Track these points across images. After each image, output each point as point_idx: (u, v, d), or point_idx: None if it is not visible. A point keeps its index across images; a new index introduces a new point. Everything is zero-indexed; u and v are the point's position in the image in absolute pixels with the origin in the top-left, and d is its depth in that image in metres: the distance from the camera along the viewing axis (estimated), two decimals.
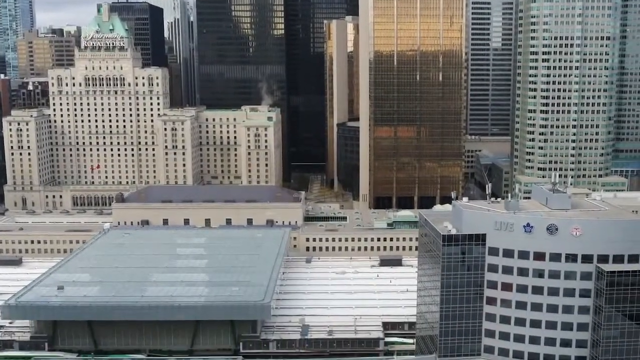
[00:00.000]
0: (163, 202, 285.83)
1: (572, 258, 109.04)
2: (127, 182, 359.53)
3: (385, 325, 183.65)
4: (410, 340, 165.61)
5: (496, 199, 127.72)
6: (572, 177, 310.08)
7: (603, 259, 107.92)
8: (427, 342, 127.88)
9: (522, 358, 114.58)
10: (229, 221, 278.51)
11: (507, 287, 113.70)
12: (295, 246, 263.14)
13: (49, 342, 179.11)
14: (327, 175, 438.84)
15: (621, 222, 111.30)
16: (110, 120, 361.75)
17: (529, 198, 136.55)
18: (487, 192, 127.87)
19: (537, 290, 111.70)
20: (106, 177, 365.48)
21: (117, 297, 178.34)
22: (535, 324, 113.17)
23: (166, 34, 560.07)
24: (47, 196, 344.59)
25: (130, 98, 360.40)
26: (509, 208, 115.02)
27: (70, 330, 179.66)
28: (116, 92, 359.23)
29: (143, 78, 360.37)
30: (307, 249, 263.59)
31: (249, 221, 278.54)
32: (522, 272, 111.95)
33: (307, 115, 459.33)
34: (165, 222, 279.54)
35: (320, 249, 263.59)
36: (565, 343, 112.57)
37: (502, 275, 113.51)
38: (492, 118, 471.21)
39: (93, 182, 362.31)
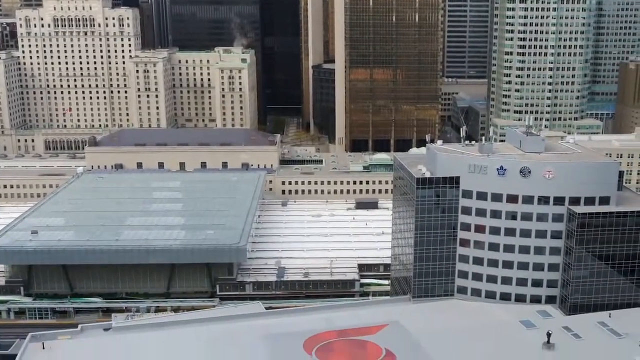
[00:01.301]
0: (137, 146, 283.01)
1: (544, 200, 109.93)
2: (100, 126, 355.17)
3: (361, 267, 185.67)
4: (385, 282, 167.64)
5: (470, 141, 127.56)
6: (547, 120, 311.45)
7: (575, 201, 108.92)
8: (401, 284, 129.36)
9: (494, 298, 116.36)
10: (203, 164, 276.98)
11: (480, 229, 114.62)
12: (270, 189, 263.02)
13: (24, 287, 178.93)
14: (303, 118, 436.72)
15: (593, 165, 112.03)
16: (80, 63, 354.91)
17: (504, 141, 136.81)
18: (461, 135, 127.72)
19: (510, 232, 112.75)
20: (78, 120, 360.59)
21: (91, 241, 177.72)
22: (508, 264, 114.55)
23: None
24: (18, 140, 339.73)
25: (100, 39, 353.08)
26: (483, 151, 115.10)
27: (45, 275, 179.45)
28: (86, 34, 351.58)
29: (113, 19, 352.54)
30: (283, 192, 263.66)
31: (224, 164, 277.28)
32: (495, 214, 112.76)
33: (282, 57, 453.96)
34: (139, 165, 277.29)
35: (296, 192, 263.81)
36: (537, 283, 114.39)
37: (475, 217, 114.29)
38: (469, 60, 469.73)
39: (65, 126, 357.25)
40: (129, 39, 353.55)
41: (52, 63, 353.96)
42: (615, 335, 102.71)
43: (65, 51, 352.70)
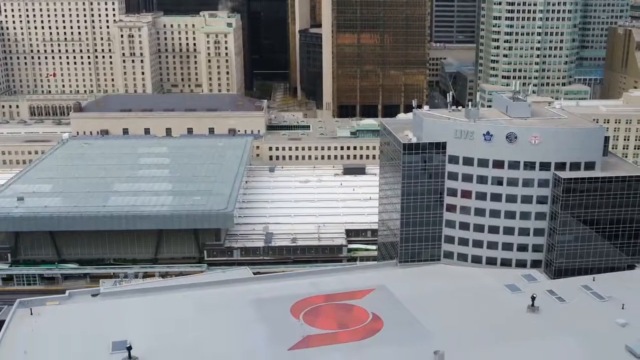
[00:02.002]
0: (122, 112, 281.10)
1: (530, 166, 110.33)
2: (85, 91, 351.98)
3: (348, 232, 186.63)
4: (373, 247, 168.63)
5: (458, 107, 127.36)
6: (535, 85, 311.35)
7: (560, 166, 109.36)
8: (388, 249, 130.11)
9: (481, 262, 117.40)
10: (190, 130, 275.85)
11: (466, 194, 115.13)
12: (258, 155, 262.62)
13: (11, 253, 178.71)
14: (290, 83, 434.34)
15: (578, 130, 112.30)
16: (64, 27, 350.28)
17: (492, 107, 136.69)
18: (448, 101, 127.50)
19: (496, 197, 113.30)
20: (63, 86, 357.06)
21: (78, 208, 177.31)
22: (494, 229, 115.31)
23: None
24: (3, 106, 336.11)
25: (84, 3, 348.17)
26: (470, 116, 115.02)
27: (32, 241, 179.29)
28: None
29: None
30: (270, 158, 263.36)
31: (211, 130, 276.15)
32: (482, 179, 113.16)
33: (269, 22, 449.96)
34: (125, 131, 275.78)
35: (284, 157, 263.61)
36: (522, 248, 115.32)
37: (461, 182, 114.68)
38: (457, 25, 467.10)
39: (50, 92, 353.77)
40: (113, 3, 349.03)
41: (36, 28, 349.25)
42: (598, 298, 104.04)
43: (49, 15, 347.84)
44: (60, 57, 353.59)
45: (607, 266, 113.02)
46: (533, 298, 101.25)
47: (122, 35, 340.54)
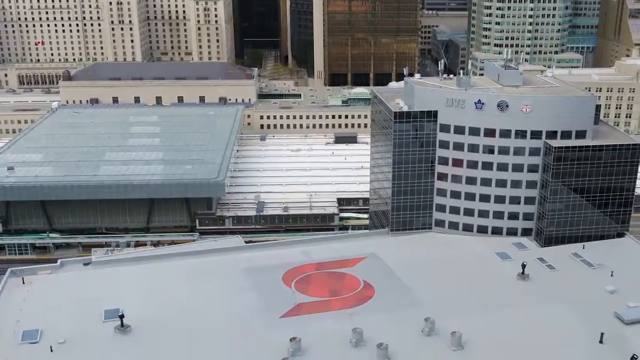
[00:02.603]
0: (112, 80, 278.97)
1: (521, 134, 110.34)
2: (74, 60, 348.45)
3: (340, 201, 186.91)
4: (364, 216, 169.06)
5: (449, 75, 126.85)
6: (528, 53, 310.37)
7: (551, 134, 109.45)
8: (380, 217, 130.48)
9: (471, 231, 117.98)
10: (180, 99, 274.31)
11: (457, 163, 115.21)
12: (249, 124, 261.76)
13: (2, 223, 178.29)
14: (281, 51, 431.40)
15: (569, 99, 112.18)
16: None
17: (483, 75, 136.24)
18: (439, 69, 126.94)
19: (487, 165, 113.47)
20: (52, 54, 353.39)
21: (69, 177, 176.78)
22: (485, 198, 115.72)
23: None
24: None
25: None
26: (461, 85, 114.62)
27: (23, 211, 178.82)
28: None
29: None
30: (262, 126, 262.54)
31: (201, 99, 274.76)
32: (473, 148, 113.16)
33: None
34: (115, 100, 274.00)
35: (275, 126, 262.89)
36: (513, 216, 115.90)
37: (453, 151, 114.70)
38: None
39: (38, 60, 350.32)
40: None
41: None
42: (588, 266, 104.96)
43: None
44: (48, 25, 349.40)
45: (597, 234, 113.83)
46: (523, 266, 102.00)
47: (110, 2, 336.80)
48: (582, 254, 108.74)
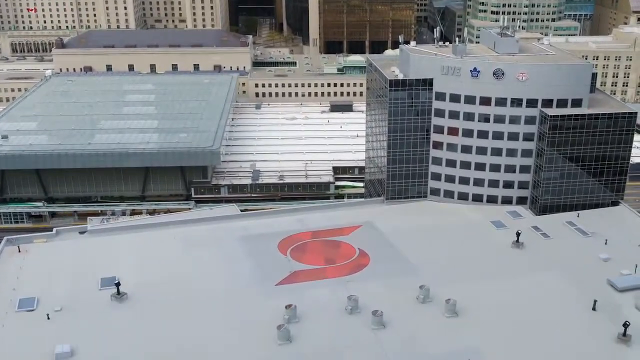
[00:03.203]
0: (105, 48, 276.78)
1: (517, 102, 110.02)
2: (67, 27, 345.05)
3: (336, 169, 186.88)
4: (360, 184, 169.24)
5: (445, 43, 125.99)
6: (525, 21, 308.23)
7: (547, 103, 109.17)
8: (375, 186, 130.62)
9: (467, 199, 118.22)
10: (174, 67, 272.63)
11: (453, 131, 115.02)
12: (244, 92, 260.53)
13: None
14: (275, 18, 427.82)
15: (566, 67, 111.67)
16: None
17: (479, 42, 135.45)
18: (435, 37, 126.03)
19: (483, 134, 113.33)
20: (45, 21, 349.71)
21: (64, 145, 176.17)
22: (480, 167, 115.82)
23: None
24: None
25: None
26: (457, 52, 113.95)
27: (18, 179, 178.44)
28: None
29: None
30: (257, 94, 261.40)
31: (196, 67, 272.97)
32: (468, 116, 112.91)
33: None
34: (109, 68, 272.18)
35: (270, 94, 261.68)
36: (508, 185, 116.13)
37: (448, 120, 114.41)
38: None
39: (31, 27, 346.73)
40: None
41: None
42: (582, 234, 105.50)
43: None
44: None
45: (592, 203, 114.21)
46: (518, 234, 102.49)
47: None
48: (576, 222, 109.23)
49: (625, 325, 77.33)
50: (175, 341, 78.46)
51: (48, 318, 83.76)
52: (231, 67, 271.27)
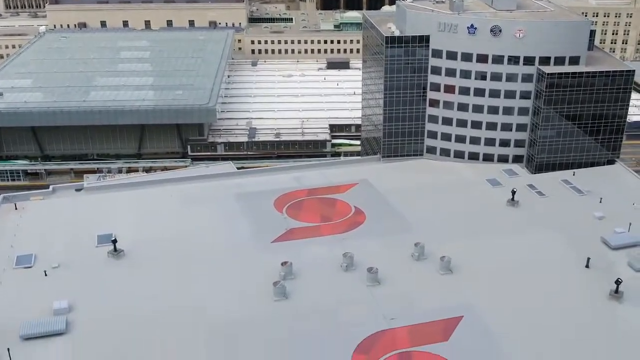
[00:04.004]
0: (99, 3, 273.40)
1: (514, 60, 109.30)
2: None
3: (332, 127, 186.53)
4: (356, 142, 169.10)
5: None
6: None
7: (544, 61, 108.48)
8: (371, 144, 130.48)
9: (463, 157, 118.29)
10: (169, 23, 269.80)
11: (449, 89, 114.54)
12: (240, 49, 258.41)
13: None
14: None
15: (563, 24, 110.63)
16: None
17: None
18: None
19: (479, 92, 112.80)
20: None
21: (58, 103, 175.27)
22: (476, 125, 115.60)
23: None
24: None
25: None
26: (454, 9, 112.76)
27: (14, 137, 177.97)
28: None
29: None
30: (252, 51, 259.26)
31: (191, 23, 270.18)
32: (465, 74, 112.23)
33: None
34: (103, 24, 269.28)
35: (266, 51, 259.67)
36: (504, 143, 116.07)
37: (445, 77, 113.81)
38: None
39: None
40: None
41: None
42: (577, 192, 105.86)
43: None
44: None
45: (588, 161, 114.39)
46: (513, 192, 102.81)
47: None
48: (572, 180, 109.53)
49: (618, 282, 78.12)
50: (172, 297, 79.15)
51: (45, 275, 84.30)
52: (227, 23, 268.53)
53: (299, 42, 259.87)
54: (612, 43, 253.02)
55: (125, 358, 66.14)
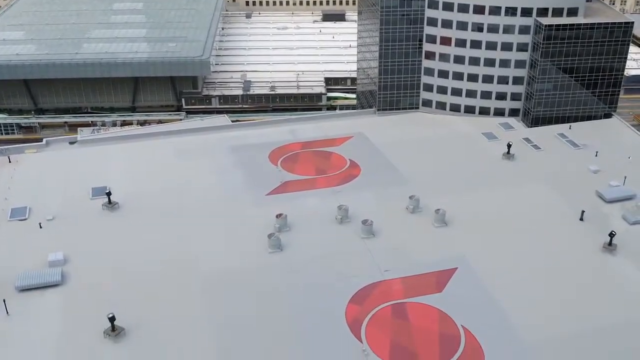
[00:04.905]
0: None
1: (511, 11, 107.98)
2: None
3: (328, 80, 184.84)
4: (352, 96, 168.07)
5: None
6: None
7: (542, 12, 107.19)
8: (367, 97, 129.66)
9: (459, 111, 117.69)
10: None
11: (446, 41, 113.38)
12: (234, 0, 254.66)
13: None
14: None
15: None
16: None
17: None
18: None
19: (476, 44, 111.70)
20: None
21: (51, 55, 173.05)
22: (473, 77, 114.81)
23: None
24: None
25: None
26: None
27: (7, 90, 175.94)
28: None
29: None
30: (247, 3, 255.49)
31: None
32: (462, 26, 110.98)
33: None
34: None
35: (260, 3, 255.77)
36: (501, 96, 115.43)
37: (441, 29, 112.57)
38: None
39: None
40: None
41: None
42: (573, 146, 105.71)
43: None
44: None
45: (585, 115, 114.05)
46: (509, 146, 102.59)
47: None
48: (568, 134, 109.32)
49: (611, 234, 78.46)
50: (166, 249, 79.37)
51: (40, 227, 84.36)
52: None
53: None
54: None
55: (120, 308, 66.49)
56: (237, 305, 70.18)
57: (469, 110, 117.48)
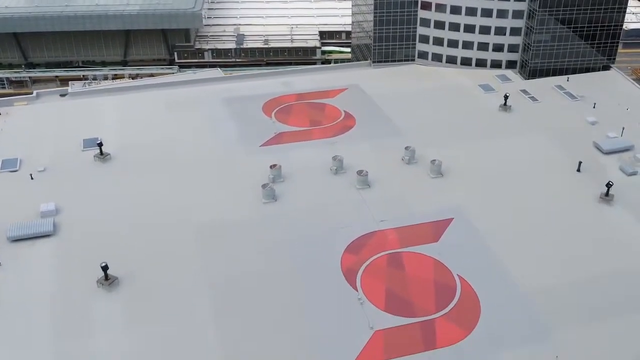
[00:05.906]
0: None
1: None
2: None
3: (322, 34, 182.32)
4: (347, 49, 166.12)
5: None
6: None
7: None
8: (362, 50, 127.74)
9: (455, 63, 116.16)
10: None
11: None
12: None
13: None
14: None
15: None
16: None
17: None
18: None
19: None
20: None
21: (41, 7, 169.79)
22: (469, 28, 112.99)
23: None
24: None
25: None
26: None
27: None
28: None
29: None
30: None
31: None
32: None
33: None
34: None
35: None
36: (498, 48, 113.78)
37: None
38: None
39: None
40: None
41: None
42: (570, 98, 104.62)
43: None
44: None
45: (583, 67, 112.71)
46: (506, 97, 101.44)
47: None
48: (565, 86, 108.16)
49: (608, 185, 77.90)
50: (159, 199, 78.53)
51: (32, 178, 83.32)
52: None
53: None
54: None
55: (112, 258, 65.80)
56: (230, 254, 69.61)
57: (466, 62, 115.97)
